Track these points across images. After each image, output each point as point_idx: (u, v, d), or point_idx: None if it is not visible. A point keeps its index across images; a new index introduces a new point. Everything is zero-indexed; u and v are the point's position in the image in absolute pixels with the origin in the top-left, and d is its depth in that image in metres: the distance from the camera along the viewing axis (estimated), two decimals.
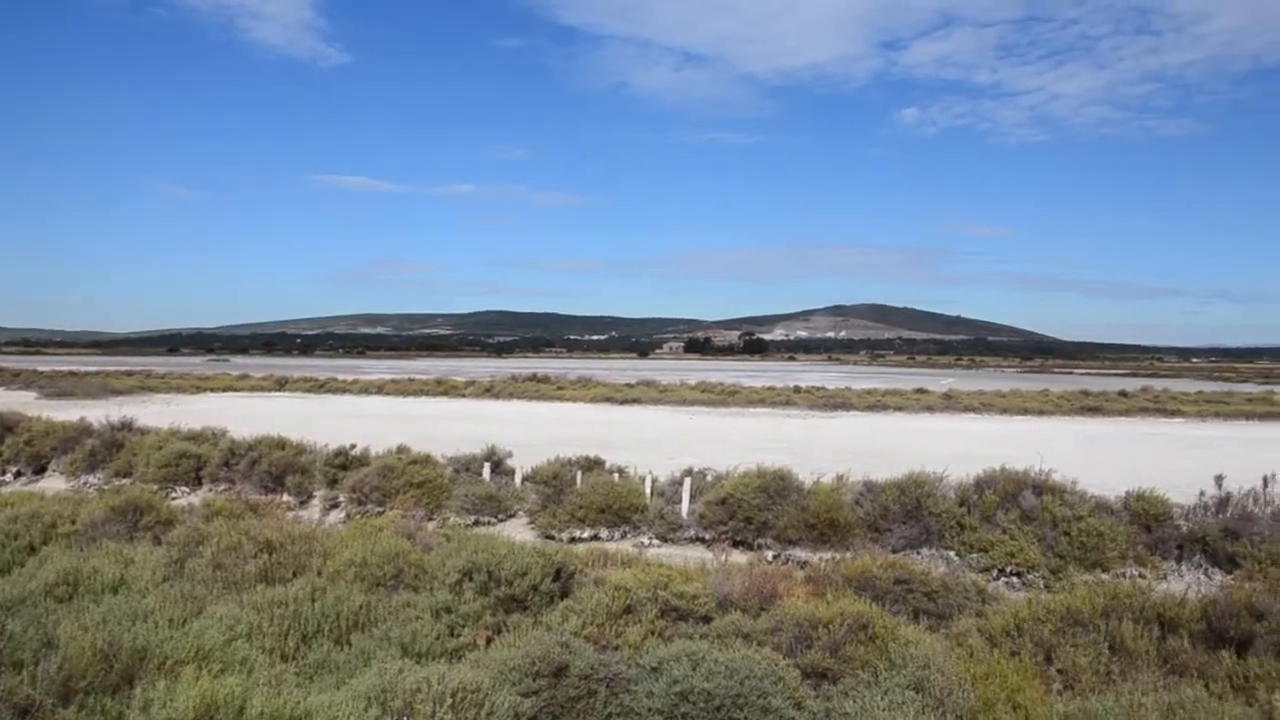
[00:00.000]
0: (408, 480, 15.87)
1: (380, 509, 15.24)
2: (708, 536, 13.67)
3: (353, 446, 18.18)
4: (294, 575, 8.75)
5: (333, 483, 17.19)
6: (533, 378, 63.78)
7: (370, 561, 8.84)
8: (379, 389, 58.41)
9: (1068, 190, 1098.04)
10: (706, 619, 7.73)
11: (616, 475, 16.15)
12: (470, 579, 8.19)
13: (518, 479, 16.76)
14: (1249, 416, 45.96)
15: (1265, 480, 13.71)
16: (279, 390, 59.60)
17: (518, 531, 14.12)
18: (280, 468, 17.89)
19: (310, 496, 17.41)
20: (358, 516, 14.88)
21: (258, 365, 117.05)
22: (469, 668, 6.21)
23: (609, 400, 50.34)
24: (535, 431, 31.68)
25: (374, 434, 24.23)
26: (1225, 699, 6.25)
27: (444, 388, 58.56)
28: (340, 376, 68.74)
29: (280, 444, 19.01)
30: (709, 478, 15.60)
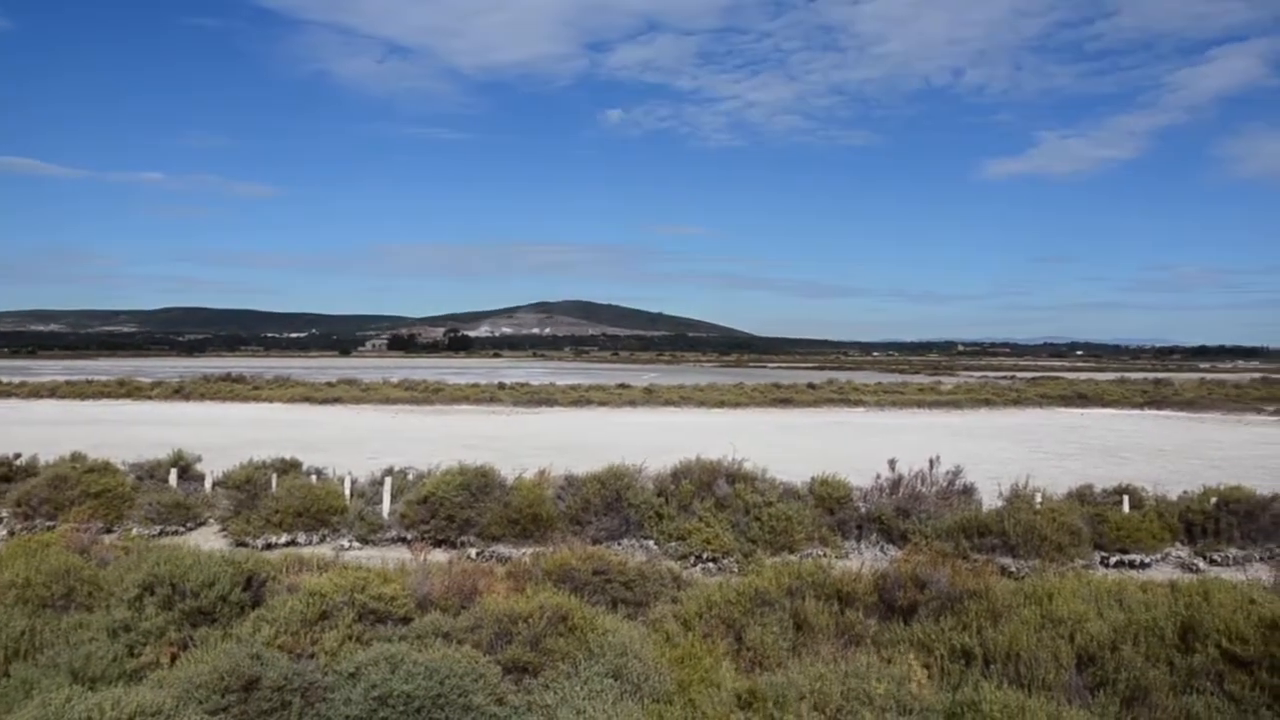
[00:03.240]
0: (84, 490, 14.69)
1: (51, 523, 14.03)
2: (410, 536, 13.45)
3: (18, 456, 16.65)
4: None
5: None
6: (226, 377, 60.54)
7: (35, 581, 8.13)
8: (51, 391, 53.67)
9: (762, 193, 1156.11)
10: (406, 620, 7.61)
11: (314, 477, 15.62)
12: (152, 593, 7.68)
13: (208, 484, 15.90)
14: (920, 405, 50.02)
15: (931, 462, 14.92)
16: None
17: (209, 540, 13.39)
18: None
19: None
20: (23, 533, 13.64)
21: None
22: (150, 689, 5.83)
23: (308, 400, 48.63)
24: (229, 434, 30.17)
25: (46, 441, 22.37)
26: (894, 662, 6.76)
27: (127, 389, 54.64)
28: (4, 379, 62.76)
29: None
30: (411, 477, 15.36)
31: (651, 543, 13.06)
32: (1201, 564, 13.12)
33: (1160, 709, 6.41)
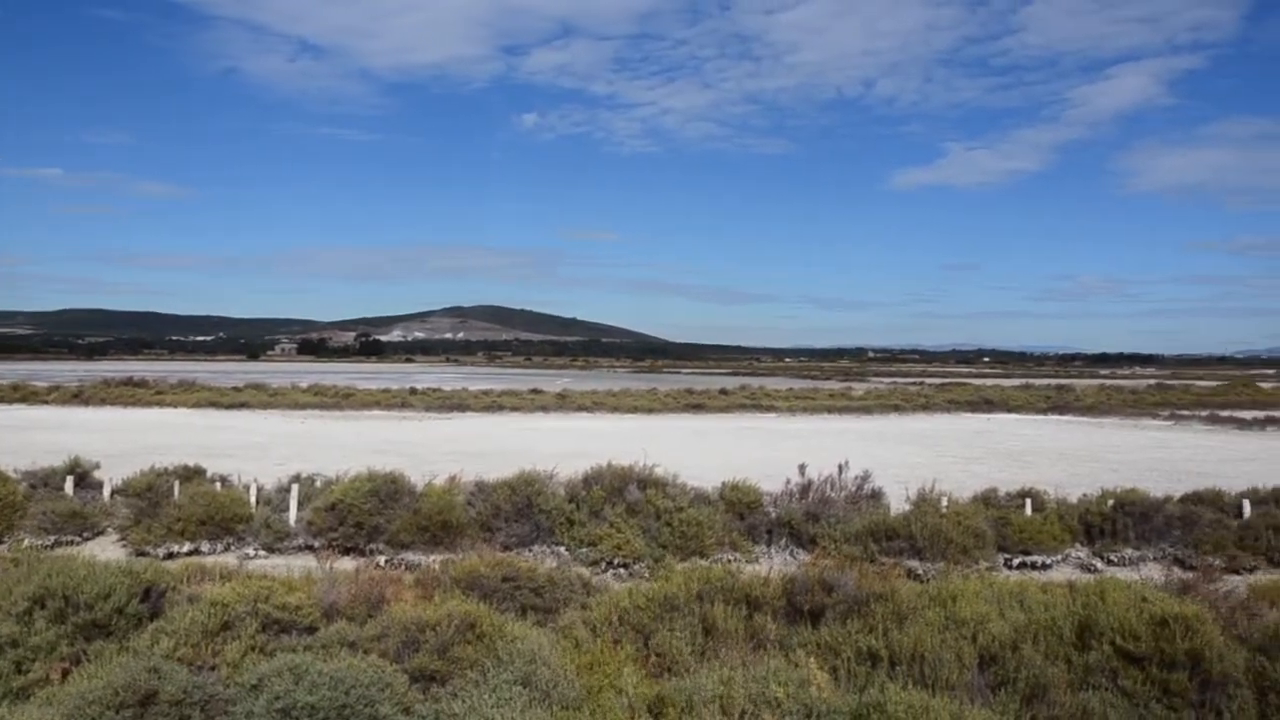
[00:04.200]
0: None
1: None
2: (317, 544, 13.22)
3: None
4: None
5: None
6: (128, 381, 58.87)
7: None
8: None
9: (676, 200, 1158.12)
10: (311, 629, 7.47)
11: (219, 484, 15.27)
12: (42, 606, 7.43)
13: (107, 492, 15.43)
14: (831, 410, 50.71)
15: (841, 467, 15.10)
16: None
17: (107, 550, 13.02)
18: None
19: None
20: None
21: None
22: (38, 707, 5.65)
23: (214, 405, 47.57)
24: (130, 440, 29.36)
25: None
26: (800, 666, 6.82)
27: (22, 394, 52.75)
28: None
29: None
30: (319, 483, 15.10)
31: (562, 549, 13.02)
32: (1099, 564, 13.49)
33: (1058, 706, 6.57)
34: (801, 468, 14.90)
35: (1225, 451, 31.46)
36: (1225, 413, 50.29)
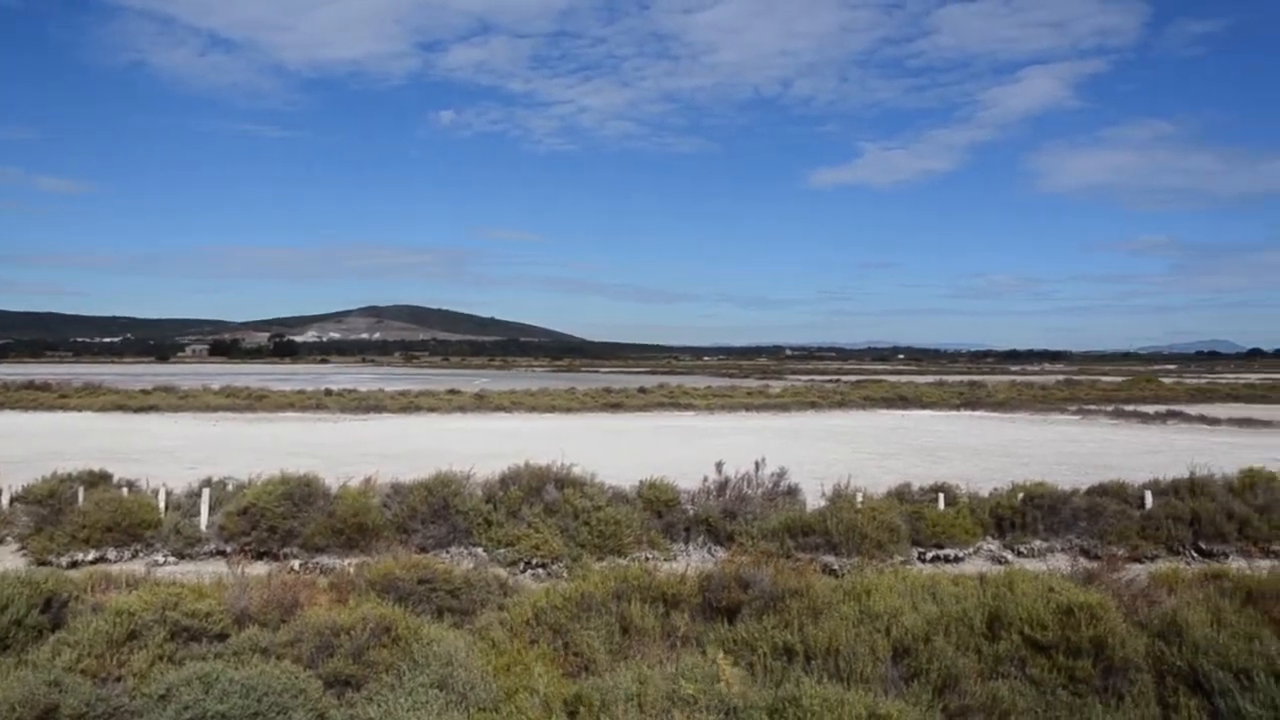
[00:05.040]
0: None
1: None
2: (229, 549, 12.97)
3: None
4: None
5: None
6: (29, 385, 57.13)
7: None
8: None
9: (595, 199, 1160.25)
10: (222, 636, 7.32)
11: (126, 490, 14.87)
12: None
13: (5, 500, 14.95)
14: (748, 408, 51.07)
15: (757, 464, 15.22)
16: None
17: (6, 559, 12.62)
18: None
19: None
20: None
21: None
22: None
23: (121, 408, 46.34)
24: (32, 445, 28.48)
25: None
26: (716, 662, 6.86)
27: None
28: None
29: None
30: (231, 487, 14.79)
31: (480, 550, 12.93)
32: (1010, 556, 13.78)
33: (969, 695, 6.69)
34: (719, 465, 14.98)
35: (1129, 445, 32.35)
36: (1129, 407, 51.68)
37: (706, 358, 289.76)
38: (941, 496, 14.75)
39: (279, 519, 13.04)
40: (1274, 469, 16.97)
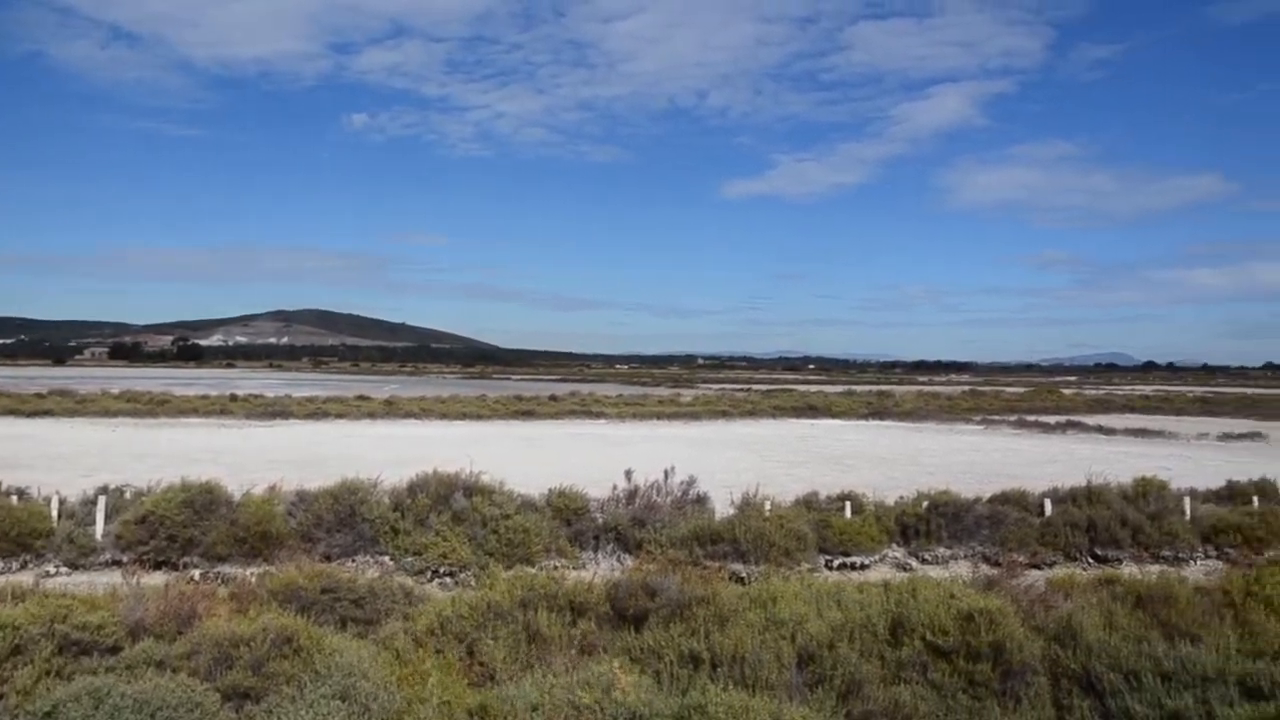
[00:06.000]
0: None
1: None
2: (126, 559, 12.60)
3: None
4: None
5: None
6: None
7: None
8: None
9: (508, 205, 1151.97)
10: (115, 650, 7.09)
11: (15, 498, 14.36)
12: None
13: None
14: (660, 416, 51.20)
15: (667, 473, 15.24)
16: None
17: None
18: None
19: None
20: None
21: None
22: None
23: (13, 413, 44.74)
24: None
25: None
26: (626, 670, 6.85)
27: None
28: None
29: None
30: (129, 495, 14.39)
31: (387, 558, 12.77)
32: (914, 563, 14.03)
33: (872, 700, 6.79)
34: (628, 474, 14.98)
35: (1031, 454, 33.16)
36: (1031, 417, 52.99)
37: (619, 366, 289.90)
38: (848, 505, 14.95)
39: (179, 527, 12.72)
40: (1165, 478, 17.55)
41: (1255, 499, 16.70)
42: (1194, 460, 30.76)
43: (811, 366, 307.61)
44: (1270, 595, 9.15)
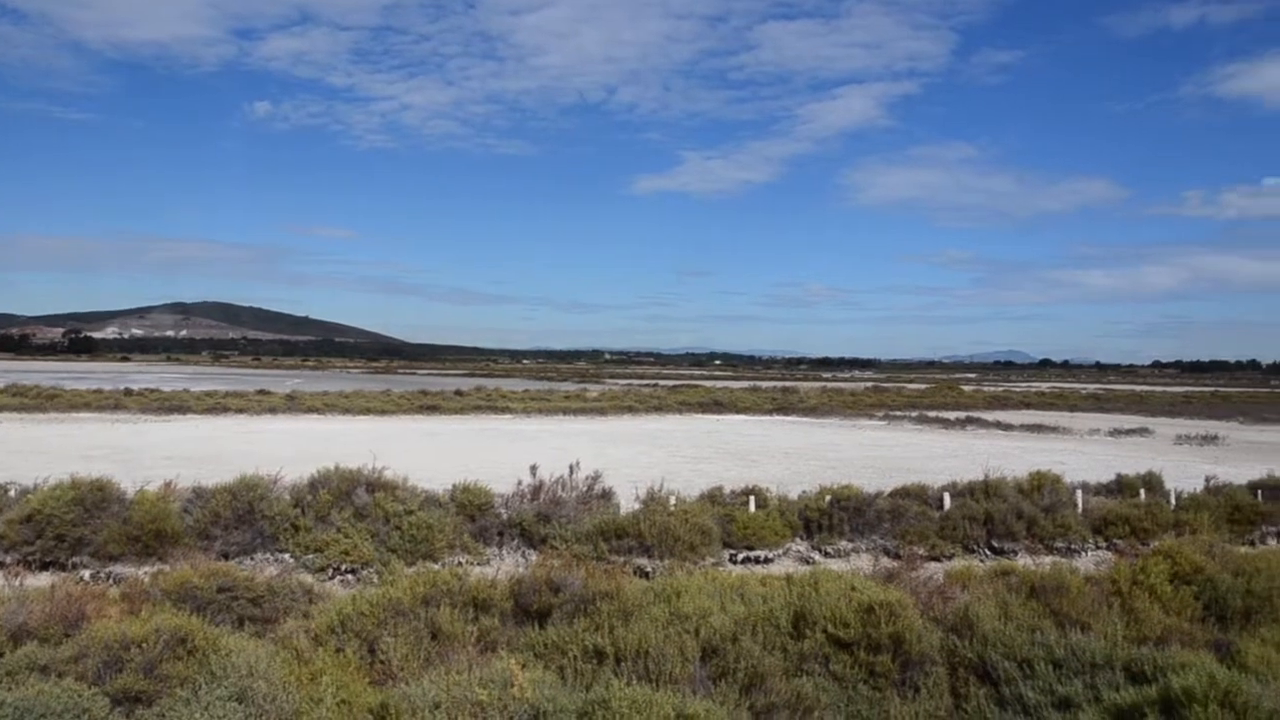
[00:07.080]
0: None
1: None
2: (9, 560, 12.16)
3: None
4: None
5: None
6: None
7: None
8: None
9: (415, 198, 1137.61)
10: None
11: None
12: None
13: None
14: (566, 412, 51.17)
15: (571, 468, 15.21)
16: None
17: None
18: None
19: None
20: None
21: None
22: None
23: None
24: None
25: None
26: (530, 666, 6.82)
27: None
28: None
29: None
30: (13, 492, 13.89)
31: (287, 556, 12.53)
32: (818, 556, 14.22)
33: (774, 693, 6.85)
34: (533, 469, 14.91)
35: (931, 449, 33.86)
36: (932, 413, 54.18)
37: (525, 361, 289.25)
38: (753, 499, 15.09)
39: (68, 526, 12.32)
40: (1059, 472, 18.07)
41: (1142, 492, 17.29)
42: (1086, 455, 31.72)
43: (717, 362, 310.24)
44: (1154, 584, 9.49)
